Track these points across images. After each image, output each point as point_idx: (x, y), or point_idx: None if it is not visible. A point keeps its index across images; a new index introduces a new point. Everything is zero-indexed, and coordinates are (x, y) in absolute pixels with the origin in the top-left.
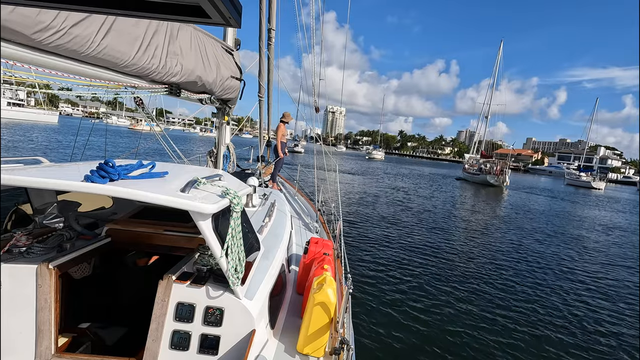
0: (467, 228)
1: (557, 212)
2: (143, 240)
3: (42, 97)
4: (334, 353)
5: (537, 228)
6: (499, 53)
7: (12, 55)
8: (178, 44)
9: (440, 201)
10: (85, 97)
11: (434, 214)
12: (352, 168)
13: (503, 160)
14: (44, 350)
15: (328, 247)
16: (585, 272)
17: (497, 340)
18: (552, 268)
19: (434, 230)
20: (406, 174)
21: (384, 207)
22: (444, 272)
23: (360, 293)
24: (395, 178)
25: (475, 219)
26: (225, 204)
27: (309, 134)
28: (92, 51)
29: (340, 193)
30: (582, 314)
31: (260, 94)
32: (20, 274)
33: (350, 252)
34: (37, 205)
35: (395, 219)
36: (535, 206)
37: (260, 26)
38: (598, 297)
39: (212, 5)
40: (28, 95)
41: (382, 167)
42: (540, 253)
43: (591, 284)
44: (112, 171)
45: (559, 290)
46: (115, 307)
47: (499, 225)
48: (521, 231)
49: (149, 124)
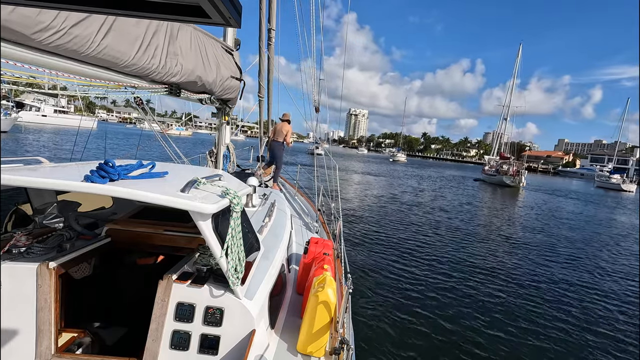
0: (472, 227)
1: (571, 213)
2: (143, 240)
3: (81, 103)
4: (334, 353)
5: (536, 227)
6: (518, 56)
7: (12, 55)
8: (178, 44)
9: (448, 200)
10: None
11: (441, 212)
12: (373, 170)
13: (520, 161)
14: (44, 350)
15: (328, 247)
16: (570, 272)
17: (496, 337)
18: (538, 264)
19: (438, 229)
20: (424, 176)
21: (389, 205)
22: (444, 271)
23: (360, 293)
24: (411, 179)
25: (483, 219)
26: (225, 204)
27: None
28: (92, 51)
29: (340, 193)
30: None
31: (260, 94)
32: (20, 274)
33: (350, 252)
34: (37, 205)
35: (398, 217)
36: (548, 207)
37: (260, 26)
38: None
39: (212, 5)
40: (68, 102)
41: (403, 170)
42: (529, 251)
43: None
44: (112, 171)
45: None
46: (115, 307)
47: (505, 224)
48: (523, 229)
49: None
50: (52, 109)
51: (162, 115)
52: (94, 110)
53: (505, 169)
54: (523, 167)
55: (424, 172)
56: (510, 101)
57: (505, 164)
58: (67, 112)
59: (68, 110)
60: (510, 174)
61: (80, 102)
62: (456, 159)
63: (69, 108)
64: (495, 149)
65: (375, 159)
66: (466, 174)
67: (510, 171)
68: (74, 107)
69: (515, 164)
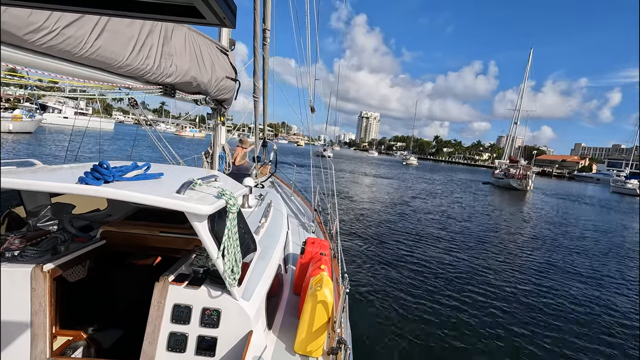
0: (472, 228)
1: (578, 218)
2: (138, 242)
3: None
4: (332, 353)
5: (532, 231)
6: (529, 61)
7: (4, 56)
8: (172, 44)
9: (450, 201)
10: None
11: (440, 213)
12: (382, 173)
13: (528, 164)
14: (39, 354)
15: (325, 247)
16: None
17: (495, 339)
18: (513, 263)
19: (435, 230)
20: (434, 179)
21: (389, 206)
22: (442, 271)
23: (357, 293)
24: (419, 180)
25: (483, 220)
26: (221, 205)
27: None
28: (85, 52)
29: (338, 194)
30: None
31: (255, 95)
32: (14, 277)
33: (347, 252)
34: (31, 207)
35: (395, 218)
36: (553, 211)
37: (255, 26)
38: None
39: (207, 6)
40: (87, 105)
41: (413, 173)
42: (517, 254)
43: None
44: (107, 173)
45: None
46: (111, 309)
47: (504, 225)
48: (519, 232)
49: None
50: (72, 111)
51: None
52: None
53: (513, 172)
54: (530, 170)
55: (434, 175)
56: (520, 105)
57: (513, 167)
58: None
59: (87, 112)
60: (516, 177)
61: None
62: (468, 163)
63: (88, 110)
64: (507, 153)
65: (385, 162)
66: (476, 178)
67: (517, 174)
68: (92, 109)
69: (522, 167)
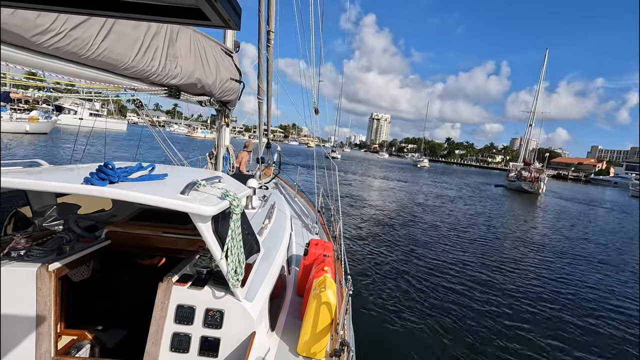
0: (478, 230)
1: (590, 223)
2: (143, 243)
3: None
4: (335, 355)
5: (540, 235)
6: (544, 63)
7: (12, 57)
8: (178, 46)
9: (459, 203)
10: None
11: (447, 215)
12: (393, 176)
13: (540, 167)
14: (44, 353)
15: (328, 249)
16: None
17: (498, 339)
18: (511, 263)
19: (441, 231)
20: (445, 182)
21: (391, 207)
22: (445, 273)
23: (360, 294)
24: (431, 185)
25: (491, 222)
26: (225, 206)
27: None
28: (91, 54)
29: (345, 197)
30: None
31: (259, 96)
32: (20, 276)
33: (350, 254)
34: (37, 207)
35: (399, 219)
36: (562, 214)
37: (260, 28)
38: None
39: (212, 8)
40: (102, 106)
41: (426, 176)
42: (520, 257)
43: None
44: (112, 173)
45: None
46: (115, 309)
47: (510, 228)
48: (524, 236)
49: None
50: (88, 112)
51: (187, 118)
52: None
53: (525, 175)
54: (542, 173)
55: (446, 178)
56: (535, 108)
57: (526, 170)
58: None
59: (102, 113)
60: (528, 180)
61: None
62: (481, 165)
63: (102, 111)
64: (522, 156)
65: (396, 164)
66: (489, 181)
67: (529, 177)
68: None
69: (534, 170)
